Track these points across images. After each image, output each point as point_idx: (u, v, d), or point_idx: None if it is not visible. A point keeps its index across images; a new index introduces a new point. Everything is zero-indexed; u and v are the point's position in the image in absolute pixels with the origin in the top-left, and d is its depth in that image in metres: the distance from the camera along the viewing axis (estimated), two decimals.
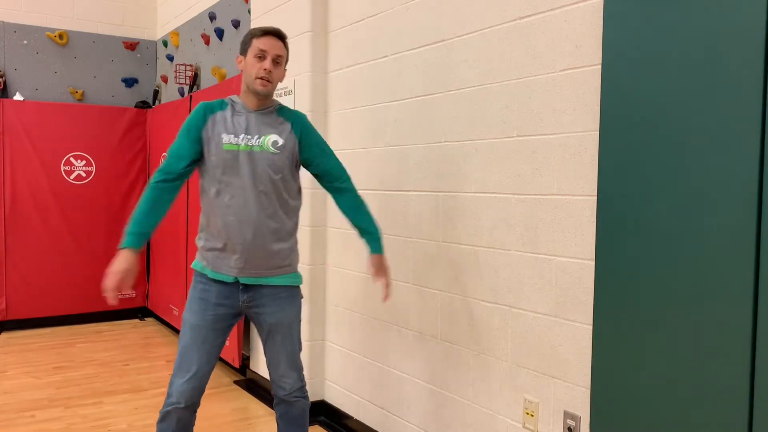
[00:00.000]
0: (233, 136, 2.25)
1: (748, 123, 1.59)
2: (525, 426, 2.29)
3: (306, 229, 3.39)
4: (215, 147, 2.25)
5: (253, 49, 2.25)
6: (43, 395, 3.83)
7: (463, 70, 2.53)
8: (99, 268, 5.74)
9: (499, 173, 2.37)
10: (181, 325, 2.33)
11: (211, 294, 2.29)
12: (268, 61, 2.25)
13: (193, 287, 2.34)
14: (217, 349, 2.32)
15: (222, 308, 2.29)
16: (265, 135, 2.28)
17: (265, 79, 2.25)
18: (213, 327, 2.28)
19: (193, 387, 2.27)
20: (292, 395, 2.41)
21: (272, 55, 2.25)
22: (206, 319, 2.27)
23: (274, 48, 2.26)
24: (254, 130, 2.28)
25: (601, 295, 1.95)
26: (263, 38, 2.26)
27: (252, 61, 2.25)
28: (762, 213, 1.57)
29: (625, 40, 1.86)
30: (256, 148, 2.26)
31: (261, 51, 2.24)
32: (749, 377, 1.60)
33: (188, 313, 2.31)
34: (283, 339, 2.36)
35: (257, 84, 2.25)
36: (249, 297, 2.32)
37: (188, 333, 2.28)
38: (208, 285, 2.30)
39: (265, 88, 2.26)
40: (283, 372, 2.38)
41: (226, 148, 2.24)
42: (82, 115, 5.64)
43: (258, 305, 2.33)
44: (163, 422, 2.29)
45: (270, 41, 2.26)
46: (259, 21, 3.81)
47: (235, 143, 2.25)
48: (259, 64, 2.24)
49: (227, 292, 2.30)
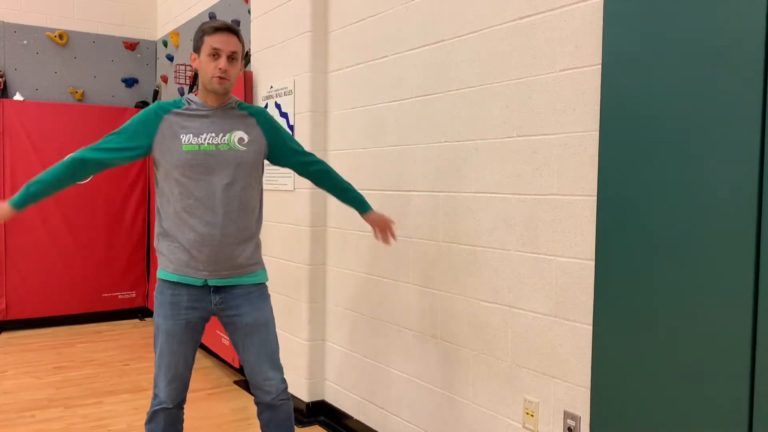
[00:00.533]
0: (192, 135, 2.19)
1: (748, 123, 1.59)
2: (525, 426, 2.29)
3: (306, 229, 3.39)
4: (172, 148, 2.18)
5: (206, 48, 2.18)
6: (43, 395, 3.83)
7: (463, 70, 2.52)
8: (99, 268, 5.75)
9: (499, 173, 2.37)
10: (154, 329, 2.29)
11: (182, 298, 2.23)
12: (223, 59, 2.17)
13: (161, 292, 2.26)
14: (194, 348, 2.29)
15: (194, 312, 2.24)
16: (230, 132, 2.23)
17: (222, 78, 2.18)
18: (186, 330, 2.24)
19: (177, 387, 2.26)
20: (278, 398, 2.31)
21: (226, 53, 2.17)
22: (179, 323, 2.22)
23: (227, 45, 2.18)
24: (218, 127, 2.23)
25: (601, 295, 1.95)
26: (215, 35, 2.17)
27: (206, 60, 2.19)
28: (762, 213, 1.57)
29: (625, 40, 1.86)
30: (223, 146, 2.21)
31: (214, 49, 2.17)
32: (749, 377, 1.60)
33: (160, 319, 2.24)
34: (261, 339, 2.29)
35: (214, 83, 2.18)
36: (221, 299, 2.26)
37: (163, 338, 2.24)
38: (177, 289, 2.23)
39: (223, 85, 2.19)
40: (267, 374, 2.29)
41: (186, 149, 2.18)
42: (82, 115, 5.64)
43: (231, 307, 2.27)
44: (151, 422, 2.28)
45: (222, 38, 2.17)
46: (259, 21, 3.81)
47: (196, 143, 2.19)
48: (214, 63, 2.17)
49: (198, 295, 2.24)
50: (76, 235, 5.64)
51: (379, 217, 2.52)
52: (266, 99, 3.76)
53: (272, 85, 3.69)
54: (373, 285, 3.06)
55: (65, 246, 5.60)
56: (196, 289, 2.24)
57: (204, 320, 2.30)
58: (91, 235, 5.70)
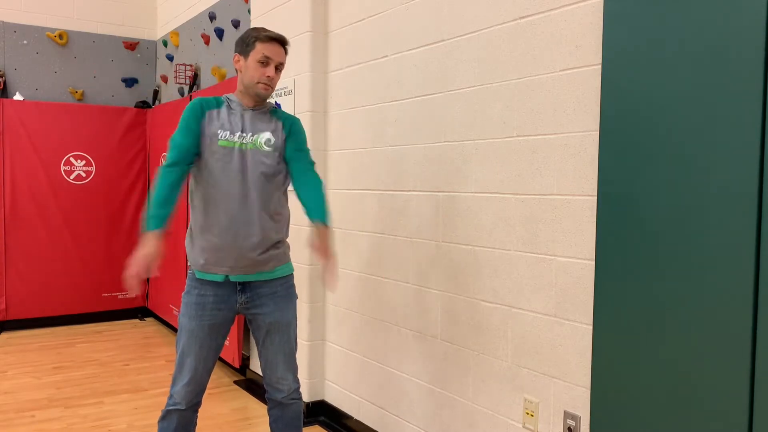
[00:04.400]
0: (229, 133, 2.26)
1: (748, 123, 1.59)
2: (525, 426, 2.29)
3: (306, 229, 3.39)
4: (210, 143, 2.24)
5: (257, 54, 2.25)
6: (43, 395, 3.83)
7: (463, 70, 2.52)
8: (99, 269, 5.75)
9: (499, 173, 2.37)
10: (178, 329, 2.32)
11: (207, 299, 2.27)
12: (272, 68, 2.27)
13: (188, 292, 2.31)
14: (216, 352, 2.32)
15: (219, 312, 2.28)
16: (259, 133, 2.29)
17: (267, 85, 2.28)
18: (210, 332, 2.27)
19: (193, 390, 2.28)
20: (290, 397, 2.39)
21: (275, 63, 2.28)
22: (203, 324, 2.26)
23: (278, 56, 2.28)
24: (249, 127, 2.29)
25: (601, 295, 1.95)
26: (269, 45, 2.26)
27: (254, 65, 2.26)
28: (762, 213, 1.57)
29: (625, 40, 1.86)
30: (249, 145, 2.26)
31: (266, 57, 2.25)
32: (749, 377, 1.60)
33: (185, 318, 2.28)
34: (281, 339, 2.35)
35: (260, 88, 2.27)
36: (247, 298, 2.31)
37: (185, 339, 2.27)
38: (203, 289, 2.28)
39: (267, 92, 2.29)
40: (281, 374, 2.37)
41: (221, 144, 2.24)
42: (82, 115, 5.64)
43: (256, 305, 2.32)
44: (164, 421, 2.30)
45: (275, 48, 2.27)
46: (259, 21, 3.81)
47: (231, 140, 2.25)
48: (263, 70, 2.26)
49: (224, 295, 2.28)
50: (76, 235, 5.64)
51: (324, 242, 2.25)
52: None
53: None
54: (373, 285, 3.06)
55: (65, 246, 5.60)
56: (222, 289, 2.27)
57: (229, 321, 2.32)
58: (91, 235, 5.70)
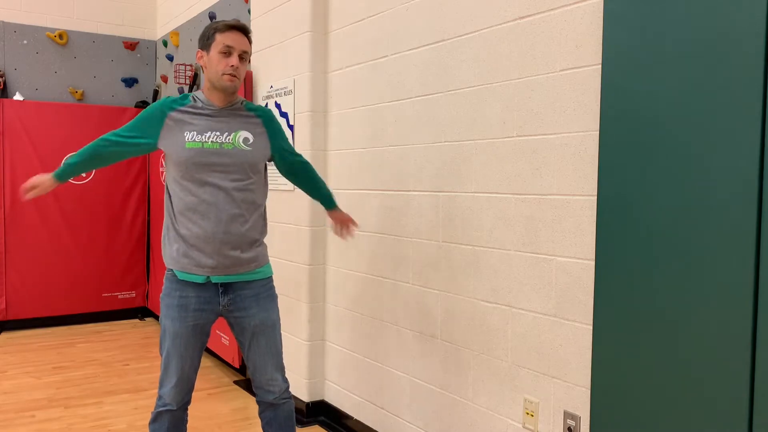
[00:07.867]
0: (196, 133, 2.19)
1: (748, 123, 1.59)
2: (525, 426, 2.29)
3: (306, 229, 3.39)
4: (176, 145, 2.19)
5: (218, 45, 2.19)
6: (43, 395, 3.83)
7: (463, 70, 2.52)
8: (99, 268, 5.75)
9: (499, 173, 2.37)
10: (161, 332, 2.28)
11: (190, 300, 2.22)
12: (235, 57, 2.19)
13: (168, 294, 2.25)
14: (200, 351, 2.30)
15: (203, 313, 2.24)
16: (236, 131, 2.24)
17: (233, 75, 2.20)
18: (194, 332, 2.24)
19: (182, 389, 2.27)
20: (281, 397, 2.36)
21: (238, 51, 2.20)
22: (186, 326, 2.22)
23: (240, 44, 2.21)
24: (224, 127, 2.23)
25: (601, 295, 1.95)
26: (228, 33, 2.19)
27: (217, 57, 2.19)
28: (762, 213, 1.57)
29: (625, 40, 1.86)
30: (227, 145, 2.21)
31: (227, 47, 2.18)
32: (749, 377, 1.60)
33: (167, 321, 2.24)
34: (267, 341, 2.31)
35: (225, 80, 2.19)
36: (229, 300, 2.26)
37: (170, 341, 2.23)
38: (185, 291, 2.22)
39: (233, 83, 2.21)
40: (270, 375, 2.33)
41: (188, 146, 2.18)
42: (82, 115, 5.64)
43: (239, 308, 2.27)
44: (155, 422, 2.29)
45: (235, 37, 2.20)
46: (258, 21, 3.81)
47: (199, 141, 2.19)
48: (225, 60, 2.19)
49: (207, 297, 2.24)
50: (76, 235, 5.64)
51: (343, 215, 2.62)
52: (266, 99, 3.75)
53: (272, 84, 3.69)
54: (373, 285, 3.06)
55: (65, 246, 5.60)
56: (204, 290, 2.24)
57: (211, 322, 2.30)
58: (91, 235, 5.70)
